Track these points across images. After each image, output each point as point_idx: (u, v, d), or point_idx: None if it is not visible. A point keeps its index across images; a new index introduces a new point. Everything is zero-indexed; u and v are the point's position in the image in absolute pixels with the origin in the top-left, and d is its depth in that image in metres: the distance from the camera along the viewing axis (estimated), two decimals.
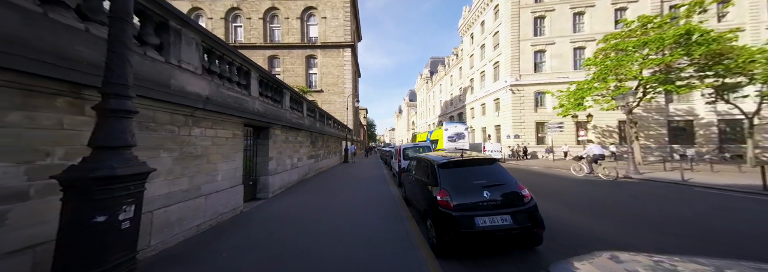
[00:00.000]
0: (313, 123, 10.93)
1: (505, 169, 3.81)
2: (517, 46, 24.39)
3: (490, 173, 3.64)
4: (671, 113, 21.36)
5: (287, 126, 7.61)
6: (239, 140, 5.07)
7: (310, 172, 10.66)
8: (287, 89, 7.91)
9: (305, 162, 9.94)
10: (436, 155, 4.83)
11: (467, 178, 3.58)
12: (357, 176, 10.97)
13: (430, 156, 4.70)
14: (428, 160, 4.45)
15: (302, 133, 9.51)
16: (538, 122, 23.91)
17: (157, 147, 3.17)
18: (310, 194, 7.02)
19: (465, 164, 3.85)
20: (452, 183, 3.51)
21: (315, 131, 11.05)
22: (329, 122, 16.20)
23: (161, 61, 3.22)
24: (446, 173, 3.72)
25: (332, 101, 29.59)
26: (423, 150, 9.06)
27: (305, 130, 9.53)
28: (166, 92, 3.14)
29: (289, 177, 8.05)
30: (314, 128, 10.88)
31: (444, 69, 47.76)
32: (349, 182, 9.19)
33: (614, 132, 22.31)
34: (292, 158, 8.37)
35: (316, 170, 11.96)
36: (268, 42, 30.16)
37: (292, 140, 8.34)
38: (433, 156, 4.59)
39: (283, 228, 4.22)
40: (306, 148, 10.07)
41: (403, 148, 9.04)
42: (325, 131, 13.36)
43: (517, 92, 24.32)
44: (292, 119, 8.05)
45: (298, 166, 8.91)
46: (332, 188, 8.15)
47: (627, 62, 14.70)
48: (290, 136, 8.19)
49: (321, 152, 12.94)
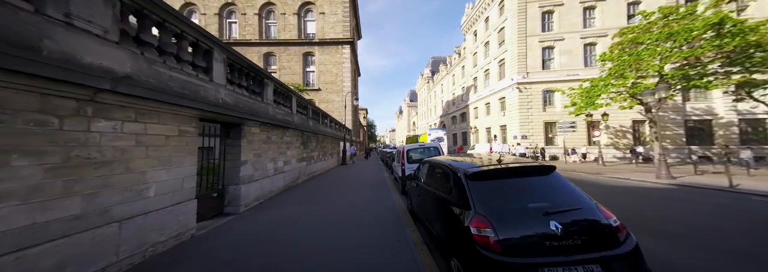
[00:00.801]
0: (304, 121, 9.65)
1: (571, 182, 2.52)
2: (524, 43, 23.19)
3: (552, 190, 2.36)
4: (688, 112, 20.10)
5: (270, 123, 6.33)
6: (191, 138, 3.78)
7: (300, 177, 9.37)
8: (270, 79, 6.63)
9: (294, 166, 8.65)
10: (457, 159, 3.55)
11: (516, 197, 2.31)
12: (354, 181, 9.67)
13: (448, 161, 3.41)
14: (447, 166, 3.18)
15: (291, 132, 8.24)
16: (547, 121, 22.67)
17: (4, 150, 1.88)
18: (295, 206, 5.72)
19: (508, 175, 2.56)
20: (494, 206, 2.22)
21: (307, 130, 9.77)
22: (325, 120, 14.92)
23: (22, 9, 1.94)
24: (480, 188, 2.44)
25: (330, 99, 28.34)
26: (432, 152, 7.79)
27: (294, 128, 8.25)
28: (23, 58, 1.86)
29: (272, 184, 6.76)
30: (306, 126, 9.60)
31: (446, 68, 46.60)
32: (345, 189, 7.89)
33: (628, 132, 21.04)
34: (276, 161, 7.08)
35: (309, 173, 10.66)
36: (263, 39, 28.94)
37: (276, 140, 7.07)
38: (454, 161, 3.31)
39: (245, 259, 2.93)
40: (296, 149, 8.79)
41: (406, 149, 7.73)
42: (319, 131, 12.09)
43: (524, 90, 23.09)
44: (276, 115, 6.77)
45: (284, 170, 7.62)
46: (323, 196, 6.85)
47: (647, 56, 13.46)
48: (274, 135, 6.92)
49: (315, 153, 11.65)
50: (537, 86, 22.88)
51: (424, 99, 63.11)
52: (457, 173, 2.80)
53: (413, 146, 7.93)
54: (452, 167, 3.00)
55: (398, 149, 8.77)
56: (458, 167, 2.86)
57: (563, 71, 22.50)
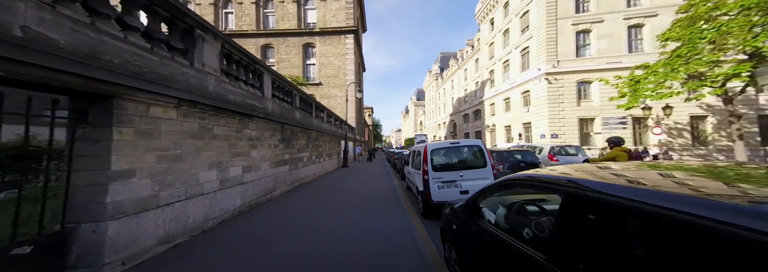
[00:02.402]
0: (287, 111, 7.01)
1: None
2: (554, 26, 20.09)
3: None
4: (762, 105, 16.62)
5: (204, 104, 3.67)
6: None
7: (278, 187, 6.70)
8: (212, 31, 3.98)
9: (266, 173, 5.98)
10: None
11: None
12: (354, 194, 6.93)
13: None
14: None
15: (259, 123, 5.58)
16: (582, 117, 19.51)
17: None
18: (241, 255, 3.04)
19: None
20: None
21: (291, 123, 7.12)
22: (321, 114, 12.27)
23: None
24: None
25: (332, 95, 25.80)
26: (468, 155, 4.98)
27: (265, 119, 5.58)
28: None
29: (210, 208, 4.02)
30: (288, 118, 6.96)
31: (456, 63, 43.59)
32: (338, 210, 5.19)
33: (684, 130, 17.69)
34: (225, 168, 4.39)
35: (294, 181, 7.99)
36: (261, 29, 26.64)
37: (224, 132, 4.40)
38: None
39: None
40: (269, 149, 6.12)
41: (431, 149, 4.92)
42: (312, 126, 9.44)
43: (554, 81, 19.99)
44: (222, 92, 4.11)
45: (244, 181, 4.94)
46: (302, 225, 4.15)
47: (736, 29, 10.31)
48: (219, 125, 4.24)
49: (304, 154, 8.98)
50: (570, 76, 19.74)
51: (432, 97, 60.13)
52: None
53: (441, 144, 5.11)
54: None
55: (415, 149, 5.96)
56: None
57: (602, 58, 19.31)
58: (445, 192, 4.59)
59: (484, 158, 4.78)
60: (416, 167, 5.73)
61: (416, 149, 6.10)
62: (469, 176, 4.65)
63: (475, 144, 5.01)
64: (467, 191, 4.53)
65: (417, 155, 5.76)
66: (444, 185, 4.65)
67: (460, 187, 4.59)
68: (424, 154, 4.93)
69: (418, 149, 5.84)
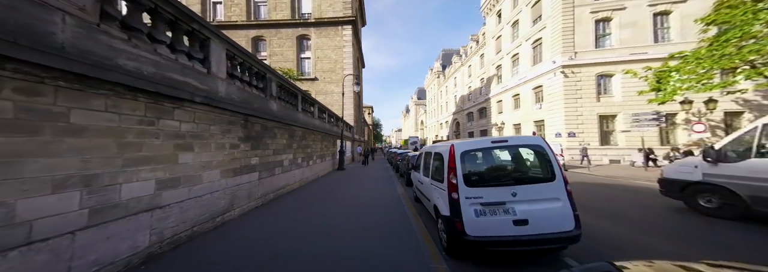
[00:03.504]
0: (255, 99, 5.21)
1: None
2: (570, 14, 18.31)
3: None
4: None
5: (43, 68, 1.86)
6: None
7: (238, 203, 4.88)
8: None
9: (215, 186, 4.14)
10: None
11: None
12: (345, 214, 5.12)
13: None
14: None
15: (198, 113, 3.75)
16: (602, 114, 17.74)
17: None
18: None
19: None
20: None
21: (260, 115, 5.30)
22: (311, 108, 10.45)
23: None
24: None
25: (329, 91, 23.98)
26: (525, 162, 3.13)
27: (207, 105, 3.75)
28: None
29: (53, 268, 2.17)
30: (259, 109, 5.15)
31: (460, 60, 41.82)
32: (321, 241, 3.42)
33: (718, 128, 15.90)
34: (106, 187, 2.51)
35: (269, 193, 6.16)
36: (251, 20, 24.77)
37: (106, 123, 2.56)
38: None
39: None
40: (220, 151, 4.29)
41: (462, 152, 3.01)
42: (296, 121, 7.63)
43: (571, 75, 18.20)
44: (102, 52, 2.32)
45: (159, 204, 3.07)
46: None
47: None
48: (83, 107, 2.39)
49: (284, 157, 7.15)
50: (588, 68, 17.97)
51: (434, 96, 58.34)
52: None
53: (476, 143, 3.19)
54: None
55: (430, 150, 4.10)
56: None
57: (624, 49, 17.54)
58: (488, 222, 2.80)
59: (551, 166, 2.95)
60: (433, 176, 3.90)
61: (432, 149, 4.26)
62: (527, 195, 2.85)
63: (533, 143, 3.09)
64: (526, 220, 2.73)
65: (434, 159, 3.92)
66: (485, 209, 2.85)
67: (513, 213, 2.79)
68: (451, 158, 3.10)
69: (435, 149, 4.00)
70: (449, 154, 3.16)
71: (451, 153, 3.15)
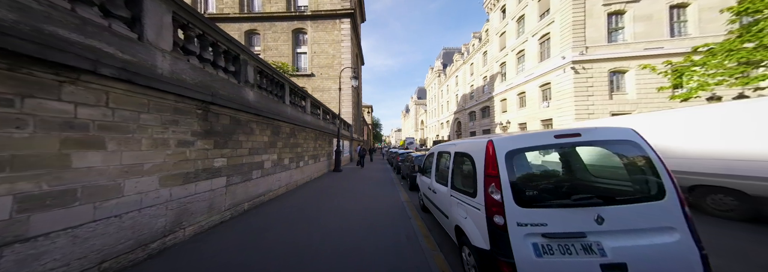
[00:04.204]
0: (223, 85, 4.13)
1: None
2: (581, 7, 17.28)
3: None
4: None
5: None
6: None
7: (188, 220, 3.76)
8: None
9: (149, 200, 3.02)
10: None
11: None
12: (336, 234, 4.03)
13: None
14: None
15: (119, 94, 2.64)
16: (615, 112, 16.70)
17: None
18: None
19: None
20: None
21: (227, 105, 4.17)
22: (302, 102, 9.32)
23: None
24: None
25: (326, 87, 22.84)
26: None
27: (131, 83, 2.63)
28: None
29: None
30: (227, 97, 4.04)
31: (461, 58, 40.82)
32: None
33: None
34: None
35: (243, 202, 5.03)
36: (245, 12, 23.58)
37: None
38: None
39: None
40: (159, 150, 3.17)
41: (508, 151, 1.79)
42: (282, 116, 6.50)
43: (582, 71, 17.18)
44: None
45: (25, 236, 1.96)
46: None
47: None
48: None
49: (265, 157, 6.00)
50: (600, 64, 16.97)
51: (435, 95, 57.30)
52: None
53: (531, 139, 1.91)
54: None
55: (450, 149, 2.81)
56: None
57: (638, 43, 16.53)
58: (558, 266, 1.68)
59: (656, 175, 1.85)
60: (455, 185, 2.75)
61: (451, 149, 3.07)
62: (621, 222, 1.75)
63: (623, 138, 1.96)
64: (624, 265, 1.62)
65: (459, 162, 2.74)
66: (552, 243, 1.75)
67: (599, 252, 1.69)
68: (489, 160, 1.98)
69: (456, 149, 2.84)
70: (487, 155, 2.04)
71: (490, 154, 2.02)
